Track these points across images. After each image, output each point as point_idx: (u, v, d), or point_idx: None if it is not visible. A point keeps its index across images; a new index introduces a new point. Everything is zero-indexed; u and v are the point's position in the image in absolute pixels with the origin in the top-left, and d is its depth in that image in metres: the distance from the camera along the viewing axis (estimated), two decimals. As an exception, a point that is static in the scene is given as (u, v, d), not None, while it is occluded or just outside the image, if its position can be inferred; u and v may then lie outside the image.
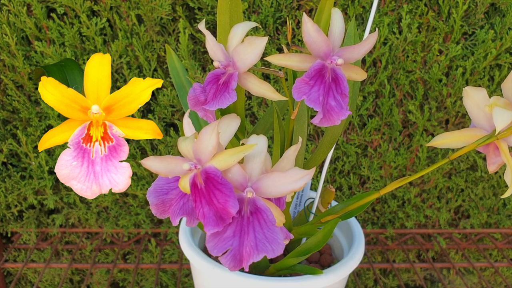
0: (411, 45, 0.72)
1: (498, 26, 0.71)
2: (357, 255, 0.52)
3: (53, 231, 0.81)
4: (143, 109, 0.75)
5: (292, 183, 0.35)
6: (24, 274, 0.87)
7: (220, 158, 0.35)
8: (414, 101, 0.75)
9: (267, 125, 0.51)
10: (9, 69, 0.71)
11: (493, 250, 0.89)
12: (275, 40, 0.72)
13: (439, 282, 0.91)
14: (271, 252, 0.35)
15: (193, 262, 0.51)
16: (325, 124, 0.37)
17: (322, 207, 0.54)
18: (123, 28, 0.69)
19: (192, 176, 0.35)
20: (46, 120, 0.73)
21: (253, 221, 0.35)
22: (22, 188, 0.77)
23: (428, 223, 0.86)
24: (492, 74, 0.75)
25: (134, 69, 0.72)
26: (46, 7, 0.69)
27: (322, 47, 0.37)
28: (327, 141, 0.50)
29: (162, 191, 0.37)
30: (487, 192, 0.83)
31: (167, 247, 0.83)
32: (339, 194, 0.82)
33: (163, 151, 0.76)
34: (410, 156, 0.79)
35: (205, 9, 0.69)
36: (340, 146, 0.78)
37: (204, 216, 0.34)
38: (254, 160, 0.36)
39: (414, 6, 0.71)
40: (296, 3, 0.70)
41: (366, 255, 0.81)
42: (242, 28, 0.39)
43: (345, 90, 0.37)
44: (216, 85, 0.39)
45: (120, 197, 0.79)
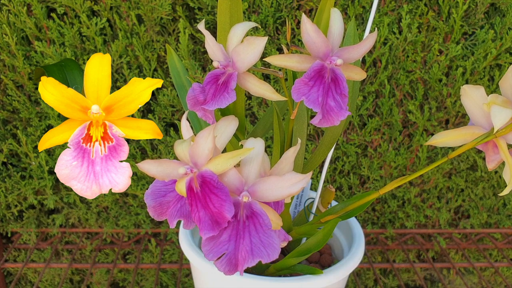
0: (411, 45, 0.72)
1: (498, 26, 0.71)
2: (357, 255, 0.52)
3: (53, 231, 0.81)
4: (143, 109, 0.75)
5: (289, 187, 0.35)
6: (24, 274, 0.87)
7: (216, 162, 0.34)
8: (414, 101, 0.75)
9: (267, 125, 0.51)
10: (9, 69, 0.71)
11: (493, 250, 0.89)
12: (275, 40, 0.72)
13: (439, 282, 0.91)
14: (266, 256, 0.34)
15: (193, 262, 0.51)
16: (324, 125, 0.37)
17: (322, 207, 0.54)
18: (123, 28, 0.69)
19: (188, 180, 0.34)
20: (46, 120, 0.73)
21: (249, 225, 0.35)
22: (22, 188, 0.77)
23: (428, 223, 0.86)
24: (492, 74, 0.75)
25: (134, 69, 0.72)
26: (46, 7, 0.69)
27: (321, 48, 0.37)
28: (327, 141, 0.50)
29: (159, 193, 0.37)
30: (487, 192, 0.83)
31: (167, 247, 0.83)
32: (339, 194, 0.82)
33: (163, 151, 0.76)
34: (410, 156, 0.79)
35: (205, 9, 0.69)
36: (340, 146, 0.78)
37: (199, 220, 0.34)
38: (250, 164, 0.36)
39: (414, 6, 0.71)
40: (296, 3, 0.70)
41: (366, 255, 0.81)
42: (241, 28, 0.39)
43: (345, 91, 0.37)
44: (216, 85, 0.39)
45: (120, 197, 0.79)
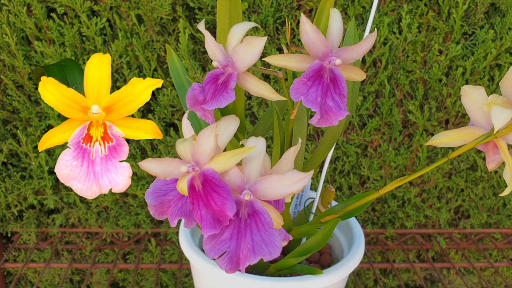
0: (411, 45, 0.72)
1: (498, 26, 0.71)
2: (357, 255, 0.52)
3: (53, 231, 0.81)
4: (143, 109, 0.75)
5: (290, 185, 0.35)
6: (24, 274, 0.87)
7: (218, 161, 0.34)
8: (414, 101, 0.75)
9: (267, 125, 0.51)
10: (9, 69, 0.71)
11: (493, 250, 0.89)
12: (275, 40, 0.72)
13: (439, 282, 0.91)
14: (268, 254, 0.34)
15: (193, 262, 0.51)
16: (323, 125, 0.37)
17: (322, 207, 0.54)
18: (123, 28, 0.69)
19: (190, 179, 0.34)
20: (46, 120, 0.74)
21: (250, 223, 0.35)
22: (22, 188, 0.77)
23: (428, 223, 0.86)
24: (492, 74, 0.74)
25: (134, 69, 0.72)
26: (46, 7, 0.69)
27: (320, 48, 0.37)
28: (327, 141, 0.50)
29: (160, 192, 0.37)
30: (487, 192, 0.83)
31: (167, 247, 0.83)
32: (339, 194, 0.82)
33: (163, 151, 0.76)
34: (410, 156, 0.79)
35: (205, 9, 0.69)
36: (340, 146, 0.78)
37: (201, 218, 0.34)
38: (252, 163, 0.36)
39: (414, 6, 0.71)
40: (296, 3, 0.70)
41: (366, 255, 0.81)
42: (241, 28, 0.39)
43: (343, 91, 0.37)
44: (215, 85, 0.39)
45: (120, 197, 0.79)
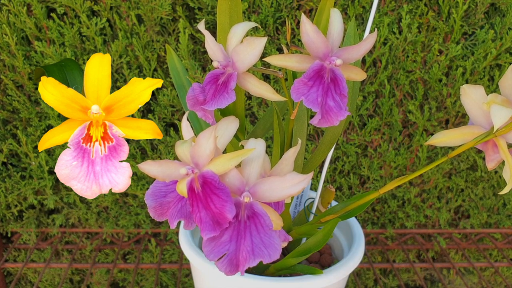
0: (411, 45, 0.72)
1: (498, 26, 0.71)
2: (357, 255, 0.52)
3: (53, 231, 0.81)
4: (143, 109, 0.75)
5: (289, 187, 0.35)
6: (24, 274, 0.87)
7: (217, 163, 0.34)
8: (414, 101, 0.75)
9: (267, 125, 0.51)
10: (9, 69, 0.71)
11: (493, 250, 0.89)
12: (275, 40, 0.72)
13: (439, 282, 0.91)
14: (268, 257, 0.34)
15: (193, 262, 0.51)
16: (323, 125, 0.37)
17: (322, 207, 0.54)
18: (123, 28, 0.69)
19: (189, 181, 0.34)
20: (46, 120, 0.73)
21: (250, 225, 0.35)
22: (22, 188, 0.77)
23: (428, 223, 0.86)
24: (492, 74, 0.74)
25: (134, 69, 0.72)
26: (46, 7, 0.69)
27: (320, 48, 0.37)
28: (327, 141, 0.50)
29: (160, 193, 0.37)
30: (487, 192, 0.83)
31: (167, 247, 0.83)
32: (339, 194, 0.82)
33: (163, 151, 0.76)
34: (410, 156, 0.79)
35: (205, 9, 0.69)
36: (340, 146, 0.78)
37: (200, 220, 0.34)
38: (251, 165, 0.36)
39: (414, 6, 0.71)
40: (296, 3, 0.70)
41: (366, 255, 0.81)
42: (241, 28, 0.39)
43: (344, 91, 0.37)
44: (215, 85, 0.39)
45: (120, 197, 0.79)
